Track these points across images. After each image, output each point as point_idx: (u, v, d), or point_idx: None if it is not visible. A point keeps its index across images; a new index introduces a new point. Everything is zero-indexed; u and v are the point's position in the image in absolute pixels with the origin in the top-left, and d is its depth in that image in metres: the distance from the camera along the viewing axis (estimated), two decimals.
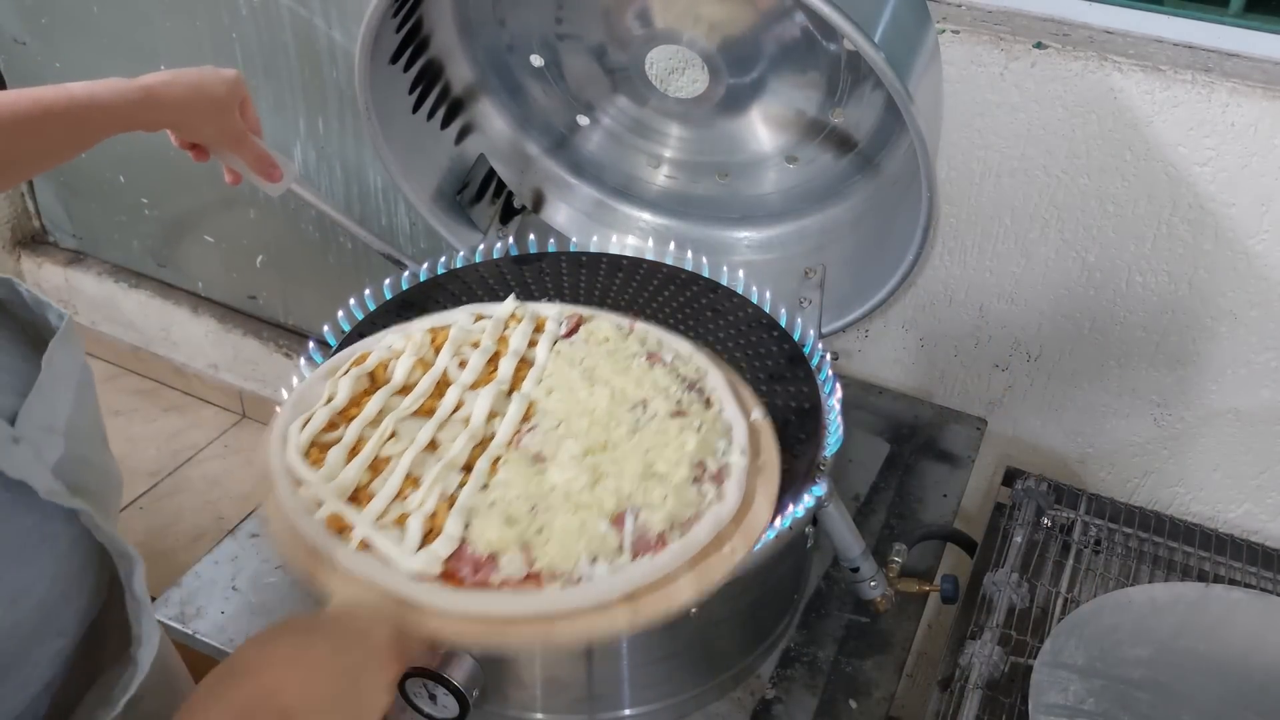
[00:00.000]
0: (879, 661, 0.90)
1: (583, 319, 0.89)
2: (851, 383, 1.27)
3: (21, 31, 1.78)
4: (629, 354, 0.84)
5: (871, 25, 0.80)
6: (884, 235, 1.02)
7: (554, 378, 0.82)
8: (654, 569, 0.69)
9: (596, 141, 1.17)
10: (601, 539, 0.69)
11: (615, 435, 0.76)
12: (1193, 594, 0.94)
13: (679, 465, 0.73)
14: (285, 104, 1.54)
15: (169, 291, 1.96)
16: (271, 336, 1.87)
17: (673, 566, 0.69)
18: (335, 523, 0.71)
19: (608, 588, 0.68)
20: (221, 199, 1.76)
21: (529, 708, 0.82)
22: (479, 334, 0.86)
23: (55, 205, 2.02)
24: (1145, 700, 0.83)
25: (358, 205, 1.58)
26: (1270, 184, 0.99)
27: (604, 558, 0.69)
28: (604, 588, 0.68)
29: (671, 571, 0.69)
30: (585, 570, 0.68)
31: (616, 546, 0.69)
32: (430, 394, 0.80)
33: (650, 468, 0.74)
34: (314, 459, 0.75)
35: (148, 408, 2.02)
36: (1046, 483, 1.07)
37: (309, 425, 0.77)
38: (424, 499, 0.71)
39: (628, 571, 0.68)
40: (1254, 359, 1.09)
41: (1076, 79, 1.02)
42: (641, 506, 0.71)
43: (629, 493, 0.72)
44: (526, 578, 0.68)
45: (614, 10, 1.01)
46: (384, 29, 0.97)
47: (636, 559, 0.69)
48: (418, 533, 0.70)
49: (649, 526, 0.70)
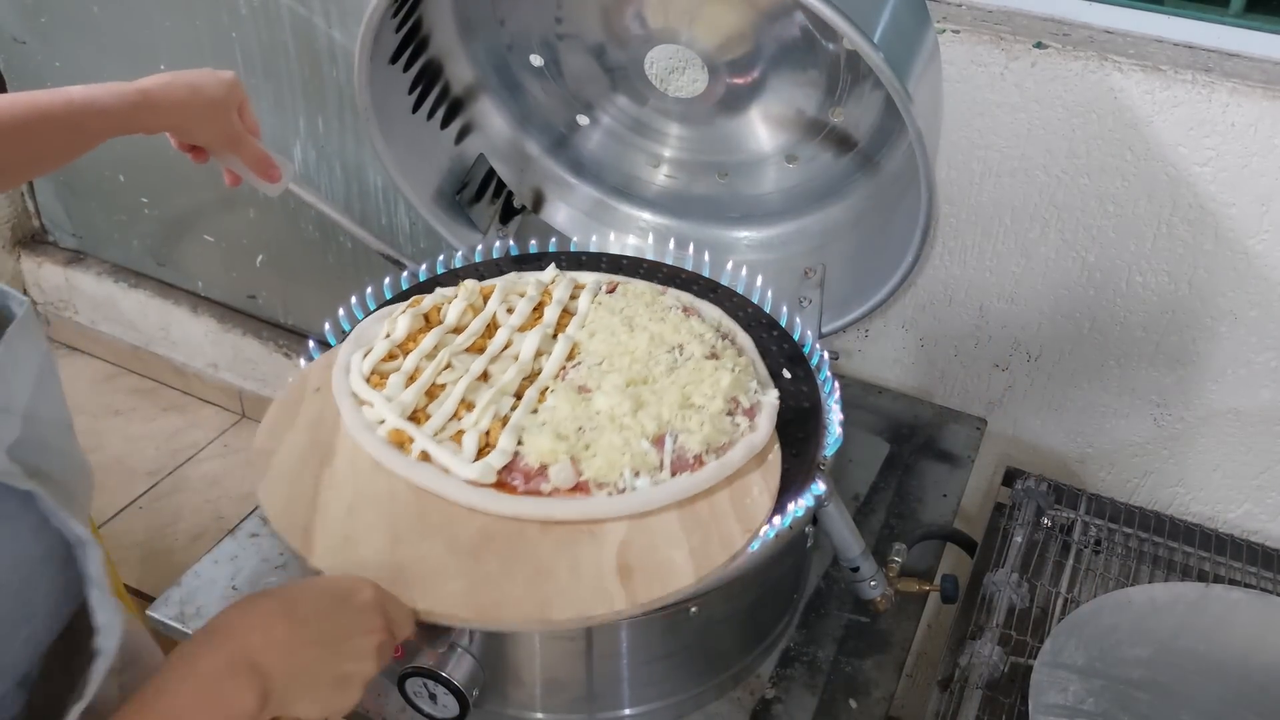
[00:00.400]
0: (879, 661, 0.90)
1: (618, 284, 0.97)
2: (851, 382, 1.27)
3: (21, 31, 1.78)
4: (665, 307, 0.92)
5: (870, 25, 0.80)
6: (884, 235, 1.02)
7: (596, 323, 0.90)
8: (693, 484, 0.75)
9: (596, 141, 1.17)
10: (644, 455, 0.76)
11: (655, 372, 0.83)
12: (1192, 594, 0.94)
13: (714, 398, 0.80)
14: (285, 103, 1.54)
15: (169, 291, 1.96)
16: (271, 336, 1.87)
17: (711, 483, 0.76)
18: (396, 437, 0.78)
19: (650, 497, 0.74)
20: (221, 199, 1.76)
21: (529, 707, 0.82)
22: (525, 285, 0.95)
23: (55, 205, 2.02)
24: (1145, 700, 0.83)
25: (357, 205, 1.58)
26: (1270, 184, 0.99)
27: (646, 472, 0.75)
28: (647, 497, 0.74)
29: (710, 487, 0.75)
30: (629, 482, 0.75)
31: (657, 464, 0.76)
32: (481, 334, 0.89)
33: (688, 399, 0.80)
34: (375, 384, 0.83)
35: (147, 407, 2.02)
36: (1046, 483, 1.07)
37: (370, 355, 0.85)
38: (479, 418, 0.79)
39: (669, 485, 0.75)
40: (1254, 359, 1.09)
41: (1077, 79, 1.02)
42: (680, 431, 0.78)
43: (668, 419, 0.78)
44: (575, 488, 0.75)
45: (613, 10, 1.01)
46: (384, 29, 0.97)
47: (676, 476, 0.75)
48: (474, 446, 0.77)
49: (687, 449, 0.77)
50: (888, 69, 0.79)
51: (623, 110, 1.12)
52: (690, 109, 1.07)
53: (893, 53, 0.80)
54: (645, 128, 1.13)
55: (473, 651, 0.76)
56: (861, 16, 0.79)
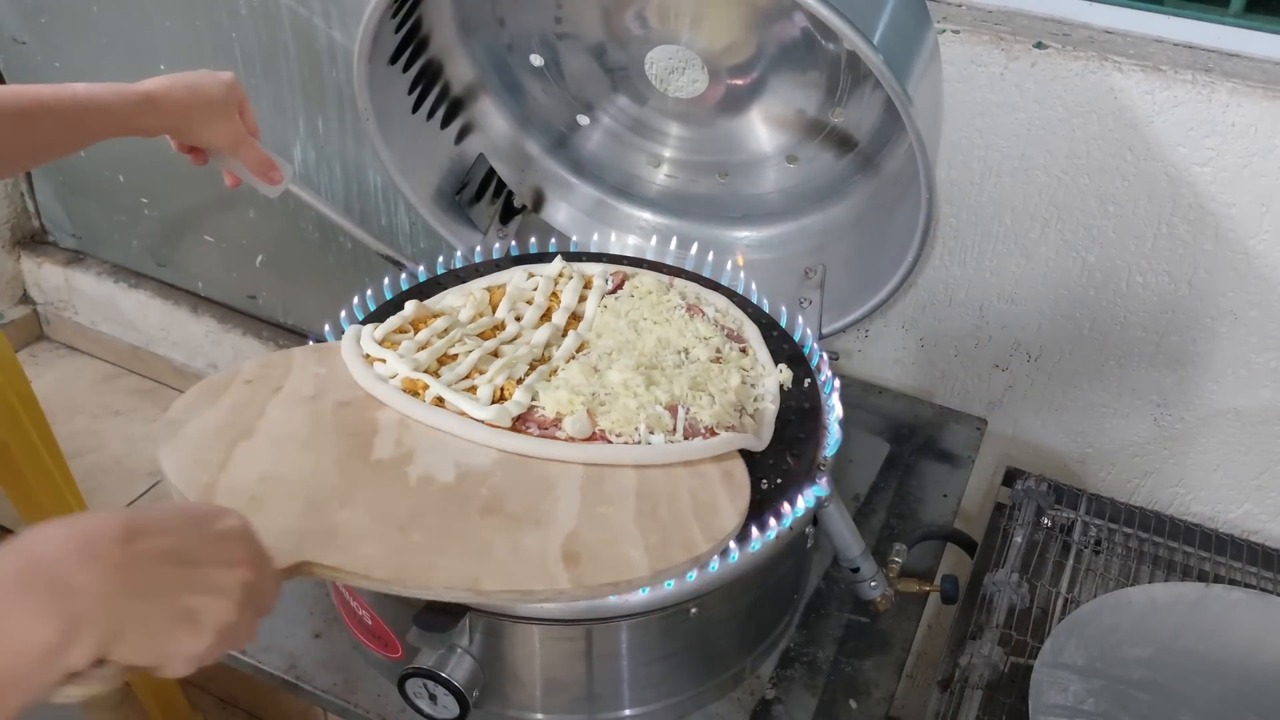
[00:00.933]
0: (879, 662, 0.90)
1: (626, 276, 0.98)
2: (852, 383, 1.27)
3: (21, 31, 1.78)
4: (671, 306, 0.94)
5: (870, 26, 0.80)
6: (884, 235, 1.02)
7: (602, 326, 0.91)
8: (708, 447, 0.76)
9: (596, 141, 1.17)
10: (659, 417, 0.77)
11: (664, 364, 0.85)
12: (1192, 594, 0.94)
13: (725, 392, 0.82)
14: (285, 104, 1.54)
15: (169, 291, 1.96)
16: (271, 336, 1.87)
17: (724, 449, 0.77)
18: (410, 385, 0.78)
19: (667, 451, 0.75)
20: (221, 199, 1.76)
21: (528, 708, 0.82)
22: (532, 292, 0.96)
23: (55, 205, 2.02)
24: (1145, 700, 0.83)
25: (357, 205, 1.58)
26: (1270, 184, 0.99)
27: (660, 430, 0.76)
28: (664, 450, 0.75)
29: (720, 454, 0.77)
30: (644, 436, 0.76)
31: (670, 426, 0.77)
32: (490, 328, 0.90)
33: (699, 385, 0.82)
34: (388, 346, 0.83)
35: (147, 407, 2.02)
36: (1046, 483, 1.07)
37: (382, 326, 0.86)
38: (493, 376, 0.80)
39: (684, 445, 0.76)
40: (1254, 359, 1.09)
41: (1077, 79, 1.02)
42: (691, 405, 0.80)
43: (680, 395, 0.80)
44: (592, 436, 0.76)
45: (613, 10, 1.01)
46: (383, 29, 0.97)
47: (690, 440, 0.77)
48: (489, 394, 0.77)
49: (698, 420, 0.78)
50: (887, 70, 0.79)
51: (623, 110, 1.12)
52: (690, 109, 1.07)
53: (892, 54, 0.80)
54: (645, 128, 1.13)
55: (472, 652, 0.76)
56: (861, 17, 0.79)
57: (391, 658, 0.83)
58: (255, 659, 0.87)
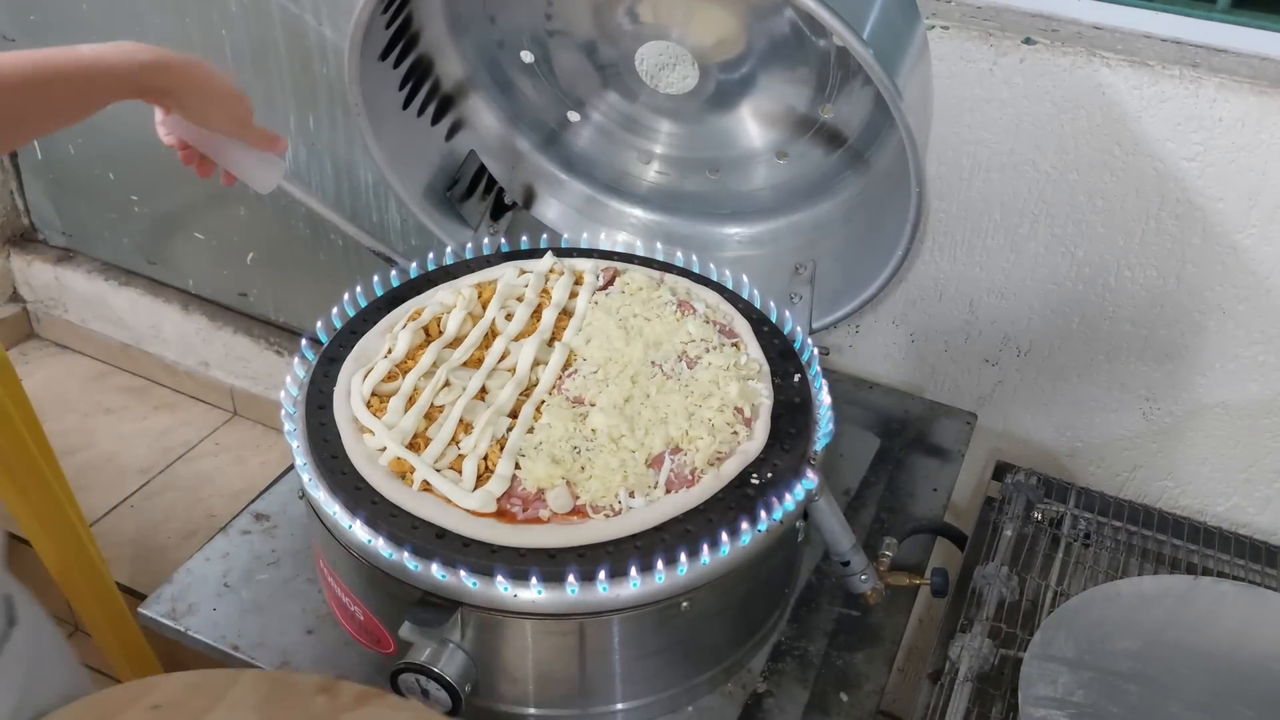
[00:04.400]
0: (869, 655, 0.91)
1: (617, 272, 0.99)
2: (842, 378, 1.27)
3: (11, 28, 1.77)
4: (661, 302, 0.95)
5: (860, 22, 0.80)
6: (874, 230, 1.03)
7: (592, 327, 0.92)
8: (687, 500, 0.77)
9: (587, 137, 1.17)
10: (640, 476, 0.79)
11: (651, 387, 0.86)
12: (1181, 586, 0.95)
13: (722, 411, 0.83)
14: (275, 101, 1.53)
15: (159, 289, 1.95)
16: (262, 334, 1.87)
17: (702, 499, 0.78)
18: (398, 466, 0.80)
19: (645, 517, 0.76)
20: (211, 196, 1.75)
21: (521, 702, 0.82)
22: (523, 289, 0.97)
23: (45, 203, 2.02)
24: (1134, 692, 0.83)
25: (348, 202, 1.58)
26: (1257, 179, 1.00)
27: (640, 492, 0.77)
28: (642, 517, 0.76)
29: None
30: (624, 502, 0.77)
31: (652, 484, 0.78)
32: (479, 345, 0.91)
33: (691, 414, 0.84)
34: (375, 409, 0.84)
35: (138, 405, 2.01)
36: (1036, 477, 1.08)
37: (370, 377, 0.86)
38: (477, 442, 0.80)
39: (661, 504, 0.77)
40: (1242, 353, 1.09)
41: (1065, 74, 1.02)
42: (684, 445, 0.81)
43: (672, 436, 0.82)
44: (572, 511, 0.77)
45: (604, 6, 1.01)
46: (374, 25, 0.97)
47: (670, 493, 0.78)
48: (473, 472, 0.79)
49: (686, 464, 0.79)
50: (877, 65, 0.79)
51: (613, 107, 1.12)
52: (681, 105, 1.08)
53: (882, 49, 0.80)
54: (636, 124, 1.13)
55: (465, 647, 0.76)
56: (851, 13, 0.80)
57: (384, 653, 0.83)
58: (248, 655, 0.87)
